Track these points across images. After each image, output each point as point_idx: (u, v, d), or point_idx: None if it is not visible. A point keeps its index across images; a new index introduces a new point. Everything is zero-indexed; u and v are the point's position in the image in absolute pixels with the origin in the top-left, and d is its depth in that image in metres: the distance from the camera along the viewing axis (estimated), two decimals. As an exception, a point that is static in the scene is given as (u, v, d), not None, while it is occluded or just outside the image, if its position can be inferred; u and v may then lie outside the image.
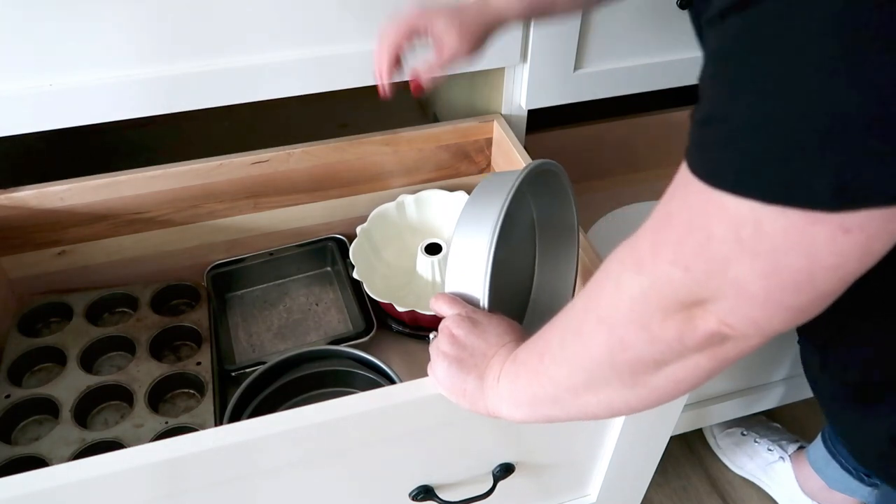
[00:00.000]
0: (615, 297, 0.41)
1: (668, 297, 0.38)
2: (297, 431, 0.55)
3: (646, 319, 0.40)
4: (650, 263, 0.39)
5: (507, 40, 0.86)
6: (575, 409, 0.48)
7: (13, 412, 0.78)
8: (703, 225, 0.35)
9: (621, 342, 0.42)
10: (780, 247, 0.33)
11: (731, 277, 0.35)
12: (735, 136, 0.33)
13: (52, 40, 0.71)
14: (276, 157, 0.89)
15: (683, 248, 0.36)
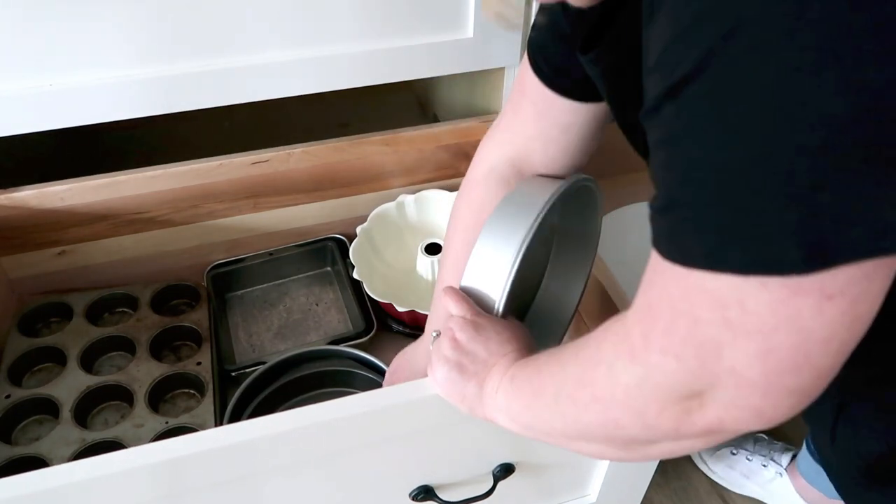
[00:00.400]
0: (610, 382, 0.41)
1: (664, 388, 0.37)
2: (298, 432, 0.55)
3: (641, 408, 0.39)
4: (642, 353, 0.38)
5: (507, 40, 0.86)
6: (565, 447, 0.48)
7: (13, 412, 0.78)
8: (687, 310, 0.34)
9: (616, 423, 0.41)
10: (769, 324, 0.32)
11: (726, 365, 0.34)
12: (697, 216, 0.33)
13: (52, 40, 0.71)
14: (276, 157, 0.89)
15: (672, 336, 0.35)
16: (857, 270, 0.30)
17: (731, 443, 1.15)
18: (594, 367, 0.42)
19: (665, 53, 0.33)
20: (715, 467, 1.15)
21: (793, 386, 0.34)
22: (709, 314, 0.33)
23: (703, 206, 0.32)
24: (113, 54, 0.74)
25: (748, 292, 0.32)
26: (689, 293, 0.34)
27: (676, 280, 0.34)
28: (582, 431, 0.45)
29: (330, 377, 0.83)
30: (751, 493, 1.13)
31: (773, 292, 0.31)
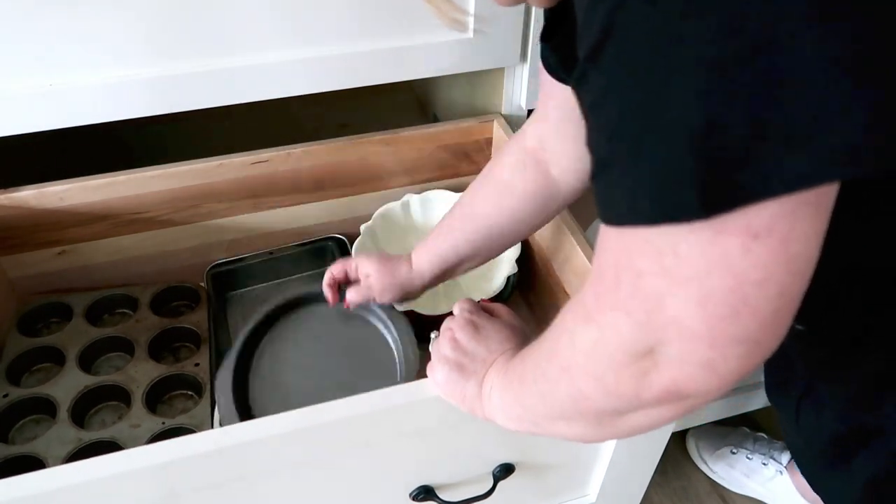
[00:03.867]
0: (572, 349, 0.41)
1: (617, 347, 0.38)
2: (297, 433, 0.55)
3: (600, 373, 0.39)
4: (595, 314, 0.38)
5: (507, 40, 0.86)
6: (551, 432, 0.48)
7: (11, 411, 0.78)
8: (629, 264, 0.35)
9: (581, 392, 0.42)
10: (701, 267, 0.32)
11: (669, 315, 0.34)
12: (618, 173, 0.33)
13: (53, 40, 0.71)
14: (276, 157, 0.89)
15: (619, 292, 0.36)
16: (778, 208, 0.30)
17: (731, 442, 1.15)
18: (558, 337, 0.43)
19: (584, 20, 0.34)
20: (715, 467, 1.15)
21: (737, 334, 0.33)
22: (649, 264, 0.34)
23: (622, 164, 0.33)
24: (113, 54, 0.73)
25: (679, 237, 0.32)
26: (629, 247, 0.35)
27: (618, 237, 0.35)
28: (558, 410, 0.45)
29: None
30: (751, 493, 1.13)
31: (699, 234, 0.31)
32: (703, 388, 0.36)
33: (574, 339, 0.41)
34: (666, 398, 0.38)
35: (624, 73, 0.32)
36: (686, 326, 0.34)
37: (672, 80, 0.30)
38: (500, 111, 0.97)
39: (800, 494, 1.07)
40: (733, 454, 1.14)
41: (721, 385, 0.36)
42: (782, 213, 0.30)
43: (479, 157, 0.99)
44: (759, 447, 1.13)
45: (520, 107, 0.96)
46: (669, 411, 0.40)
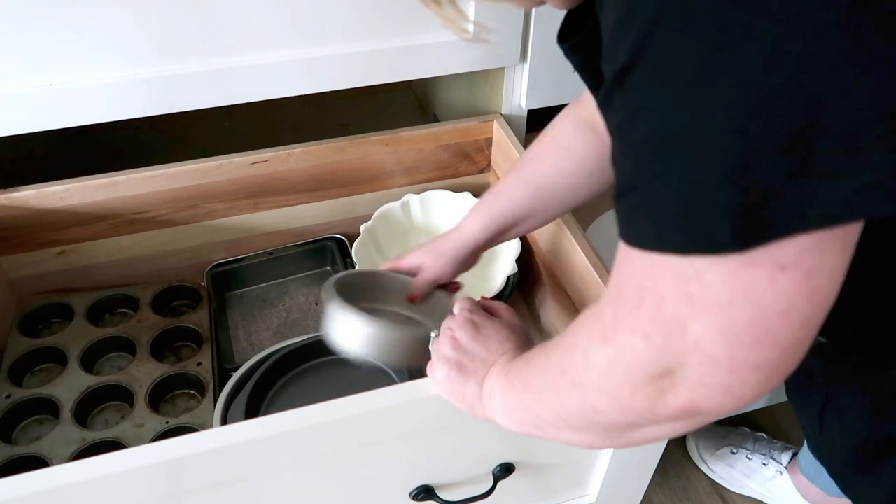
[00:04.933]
0: (586, 367, 0.41)
1: (634, 368, 0.38)
2: (298, 432, 0.55)
3: (615, 391, 0.39)
4: (612, 334, 0.38)
5: (507, 40, 0.86)
6: (556, 438, 0.49)
7: (14, 412, 0.78)
8: (652, 288, 0.35)
9: (594, 408, 0.42)
10: (725, 297, 0.32)
11: (690, 341, 0.34)
12: (645, 198, 0.34)
13: (53, 40, 0.71)
14: (275, 157, 0.89)
15: (640, 314, 0.36)
16: (807, 241, 0.30)
17: (731, 442, 1.15)
18: (571, 352, 0.43)
19: (610, 41, 0.34)
20: (715, 467, 1.15)
21: (757, 361, 0.34)
22: (672, 290, 0.34)
23: (649, 189, 0.33)
24: (113, 54, 0.74)
25: (705, 266, 0.32)
26: (653, 271, 0.35)
27: (641, 260, 0.35)
28: (566, 420, 0.45)
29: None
30: (751, 493, 1.13)
31: (726, 264, 0.32)
32: (719, 409, 0.36)
33: (589, 356, 0.41)
34: (681, 416, 0.38)
35: (654, 101, 0.32)
36: (707, 352, 0.34)
37: (708, 112, 0.30)
38: (500, 111, 0.97)
39: (800, 495, 1.07)
40: (733, 454, 1.14)
41: (737, 405, 0.36)
42: (811, 247, 0.31)
43: (479, 157, 0.99)
44: (759, 447, 1.13)
45: (520, 107, 0.96)
46: (682, 426, 0.40)
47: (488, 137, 0.98)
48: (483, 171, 1.01)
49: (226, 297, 0.97)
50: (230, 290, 0.97)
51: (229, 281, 0.97)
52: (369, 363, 0.78)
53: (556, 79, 0.92)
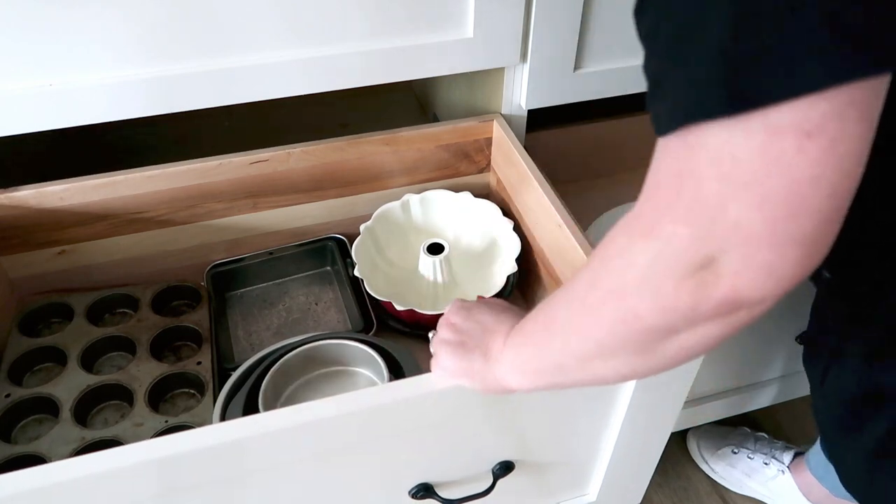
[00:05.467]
0: (625, 269, 0.41)
1: (678, 259, 0.38)
2: (297, 429, 0.55)
3: (658, 287, 0.40)
4: (655, 228, 0.39)
5: (507, 40, 0.86)
6: (581, 376, 0.48)
7: (13, 411, 0.78)
8: (690, 171, 0.36)
9: (633, 312, 0.42)
10: (759, 171, 0.34)
11: (730, 221, 0.35)
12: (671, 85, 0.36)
13: (53, 40, 0.71)
14: (275, 157, 0.89)
15: (681, 201, 0.37)
16: (829, 107, 0.33)
17: (732, 442, 1.15)
18: (606, 262, 0.43)
19: None
20: (716, 466, 1.15)
21: (795, 234, 0.35)
22: (708, 171, 0.35)
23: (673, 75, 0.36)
24: (113, 54, 0.74)
25: (736, 143, 0.34)
26: (689, 157, 0.36)
27: (676, 149, 0.37)
28: (598, 343, 0.45)
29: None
30: (752, 493, 1.13)
31: (755, 137, 0.34)
32: (760, 294, 0.37)
33: (630, 257, 0.41)
34: (723, 309, 0.39)
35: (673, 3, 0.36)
36: (746, 230, 0.35)
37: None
38: (500, 111, 0.97)
39: (802, 494, 1.07)
40: (734, 454, 1.14)
41: (776, 289, 0.37)
42: (832, 113, 0.33)
43: (479, 156, 1.00)
44: (760, 447, 1.13)
45: (520, 107, 0.96)
46: (720, 328, 0.40)
47: (488, 137, 0.98)
48: (483, 170, 1.01)
49: (226, 297, 0.97)
50: (230, 290, 0.97)
51: (229, 281, 0.97)
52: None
53: (556, 79, 0.92)
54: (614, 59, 0.93)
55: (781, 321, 0.85)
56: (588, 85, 0.94)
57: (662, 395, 0.69)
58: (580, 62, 0.92)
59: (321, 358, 0.82)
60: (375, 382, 0.81)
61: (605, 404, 0.69)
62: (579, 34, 0.88)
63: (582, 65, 0.92)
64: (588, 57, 0.92)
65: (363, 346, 0.80)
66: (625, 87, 0.96)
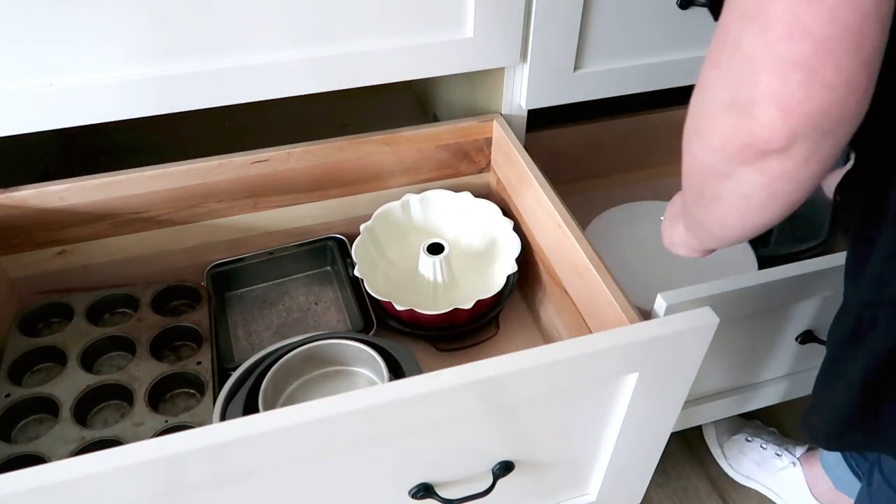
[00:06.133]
0: (688, 117, 0.46)
1: (711, 99, 0.42)
2: (296, 429, 0.55)
3: (701, 127, 0.44)
4: (701, 75, 0.44)
5: (507, 40, 0.86)
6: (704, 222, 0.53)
7: (13, 411, 0.78)
8: (725, 26, 0.40)
9: (692, 155, 0.47)
10: (764, 2, 0.37)
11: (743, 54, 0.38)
12: None
13: (52, 40, 0.71)
14: (276, 157, 0.89)
15: (715, 50, 0.41)
16: None
17: (747, 431, 1.16)
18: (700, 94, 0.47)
19: None
20: (728, 452, 1.16)
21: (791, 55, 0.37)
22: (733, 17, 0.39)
23: None
24: (113, 54, 0.74)
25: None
26: (725, 13, 0.40)
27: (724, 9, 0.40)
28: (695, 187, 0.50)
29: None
30: (756, 486, 1.14)
31: None
32: (772, 131, 0.39)
33: (692, 108, 0.45)
34: (747, 154, 0.41)
35: None
36: (751, 57, 0.38)
37: None
38: (500, 111, 0.97)
39: (808, 487, 1.07)
40: (748, 442, 1.15)
41: (787, 125, 0.38)
42: None
43: (479, 156, 1.00)
44: (773, 439, 1.14)
45: (520, 107, 0.96)
46: (760, 176, 0.43)
47: (488, 137, 0.98)
48: (483, 170, 1.01)
49: (226, 296, 0.97)
50: (230, 289, 0.97)
51: (229, 281, 0.97)
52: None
53: (556, 79, 0.92)
54: (614, 59, 0.93)
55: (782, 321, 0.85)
56: (588, 85, 0.94)
57: (662, 394, 0.69)
58: (580, 62, 0.92)
59: (321, 358, 0.82)
60: (375, 382, 0.81)
61: (605, 404, 0.69)
62: (579, 34, 0.88)
63: (582, 65, 0.92)
64: (588, 57, 0.92)
65: (363, 346, 0.80)
66: (625, 87, 0.96)
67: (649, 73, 0.95)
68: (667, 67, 0.96)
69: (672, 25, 0.92)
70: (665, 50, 0.94)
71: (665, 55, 0.95)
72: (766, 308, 0.80)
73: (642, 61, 0.94)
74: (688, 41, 0.94)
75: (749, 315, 0.80)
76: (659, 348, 0.63)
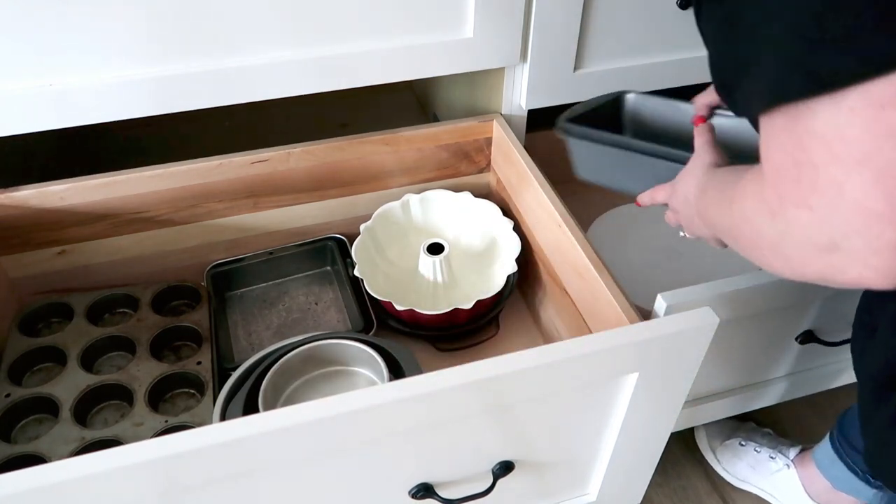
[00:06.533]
0: (758, 236, 0.44)
1: (803, 241, 0.39)
2: (297, 428, 0.55)
3: (788, 256, 0.42)
4: (780, 211, 0.40)
5: (507, 40, 0.86)
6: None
7: (13, 411, 0.78)
8: (805, 159, 0.37)
9: (772, 266, 0.44)
10: (871, 146, 0.34)
11: (850, 202, 0.35)
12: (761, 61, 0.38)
13: (53, 40, 0.71)
14: (275, 157, 0.89)
15: (801, 187, 0.37)
16: None
17: (740, 434, 1.16)
18: (741, 222, 0.46)
19: None
20: (722, 457, 1.16)
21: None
22: (822, 155, 0.36)
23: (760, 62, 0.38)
24: (113, 54, 0.74)
25: (842, 122, 0.34)
26: (800, 141, 0.37)
27: (787, 133, 0.37)
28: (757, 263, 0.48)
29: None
30: (752, 488, 1.13)
31: (862, 113, 0.34)
32: (886, 276, 0.37)
33: (759, 229, 0.43)
34: (852, 286, 0.39)
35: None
36: (867, 208, 0.35)
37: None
38: (500, 111, 0.97)
39: (803, 488, 1.07)
40: (742, 446, 1.14)
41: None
42: None
43: (479, 156, 0.99)
44: (767, 441, 1.14)
45: (520, 107, 0.96)
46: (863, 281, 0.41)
47: (488, 137, 0.98)
48: (483, 170, 1.01)
49: (226, 296, 0.97)
50: (230, 289, 0.97)
51: (229, 281, 0.97)
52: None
53: (556, 79, 0.92)
54: (614, 59, 0.93)
55: (783, 321, 0.85)
56: (588, 85, 0.94)
57: (662, 395, 0.69)
58: (580, 62, 0.92)
59: (321, 358, 0.82)
60: (375, 382, 0.81)
61: (605, 404, 0.69)
62: (579, 34, 0.88)
63: (582, 65, 0.92)
64: (588, 57, 0.92)
65: (363, 346, 0.80)
66: (625, 87, 0.96)
67: (649, 73, 0.95)
68: (666, 67, 0.96)
69: (672, 26, 0.92)
70: (665, 50, 0.95)
71: (665, 55, 0.95)
72: (767, 308, 0.80)
73: (642, 61, 0.94)
74: (688, 42, 0.94)
75: (749, 315, 0.80)
76: (659, 348, 0.63)
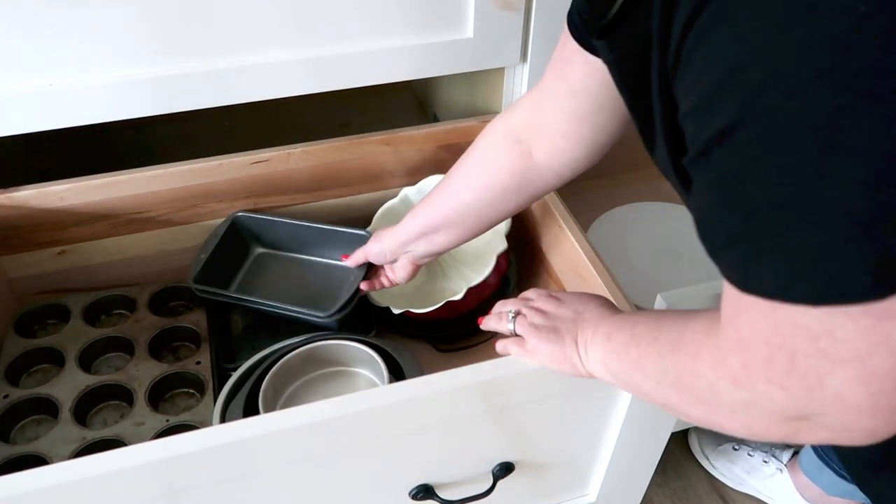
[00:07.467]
0: (714, 396, 0.41)
1: (771, 411, 0.38)
2: (297, 430, 0.55)
3: (748, 423, 0.40)
4: (746, 382, 0.38)
5: (507, 40, 0.86)
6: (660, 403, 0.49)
7: (11, 412, 0.77)
8: (781, 344, 0.35)
9: (720, 426, 0.42)
10: (863, 349, 0.33)
11: (830, 393, 0.34)
12: (764, 249, 0.34)
13: (53, 40, 0.71)
14: (276, 157, 0.89)
15: (773, 368, 0.36)
16: None
17: (733, 439, 1.15)
18: (693, 377, 0.43)
19: (707, 100, 0.35)
20: (716, 462, 1.16)
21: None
22: (804, 346, 0.34)
23: (769, 241, 0.34)
24: (113, 54, 0.74)
25: (835, 324, 0.33)
26: (779, 327, 0.35)
27: (763, 314, 0.35)
28: (684, 413, 0.46)
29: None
30: (750, 490, 1.13)
31: (859, 321, 0.32)
32: (857, 444, 0.37)
33: (717, 391, 0.41)
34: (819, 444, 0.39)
35: (766, 156, 0.32)
36: (849, 401, 0.34)
37: (831, 169, 0.30)
38: (499, 111, 0.97)
39: (798, 493, 1.07)
40: (735, 451, 1.14)
41: (876, 440, 0.36)
42: None
43: (478, 156, 0.99)
44: (760, 445, 1.13)
45: (519, 107, 0.96)
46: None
47: (488, 137, 0.97)
48: (483, 171, 1.01)
49: (225, 296, 0.96)
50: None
51: (229, 281, 0.96)
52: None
53: (555, 79, 0.92)
54: (614, 59, 0.93)
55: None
56: (588, 85, 0.94)
57: (662, 395, 0.69)
58: (580, 62, 0.92)
59: (321, 358, 0.82)
60: (375, 383, 0.81)
61: (605, 405, 0.69)
62: (579, 34, 0.88)
63: (582, 65, 0.92)
64: (588, 57, 0.91)
65: (363, 346, 0.80)
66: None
67: (649, 73, 0.95)
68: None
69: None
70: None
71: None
72: (767, 308, 0.79)
73: (642, 61, 0.94)
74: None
75: (749, 315, 0.80)
76: (659, 349, 0.63)
